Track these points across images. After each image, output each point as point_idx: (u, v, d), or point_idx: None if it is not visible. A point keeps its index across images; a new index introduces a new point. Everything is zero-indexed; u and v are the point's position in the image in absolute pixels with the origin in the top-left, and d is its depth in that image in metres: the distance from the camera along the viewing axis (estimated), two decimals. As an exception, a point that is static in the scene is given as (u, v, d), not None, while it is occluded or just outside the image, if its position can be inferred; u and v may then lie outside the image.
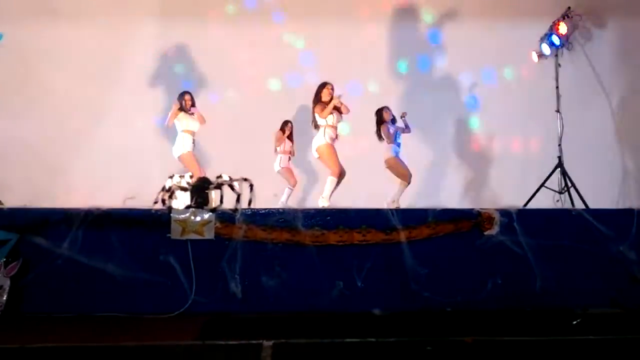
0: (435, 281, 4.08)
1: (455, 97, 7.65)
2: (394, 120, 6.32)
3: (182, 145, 6.10)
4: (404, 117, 6.40)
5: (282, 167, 6.70)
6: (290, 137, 6.83)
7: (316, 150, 5.76)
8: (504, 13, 7.29)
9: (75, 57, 7.01)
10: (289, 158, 6.81)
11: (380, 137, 6.28)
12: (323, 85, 5.78)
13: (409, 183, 6.12)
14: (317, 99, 5.77)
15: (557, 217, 4.43)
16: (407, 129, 6.41)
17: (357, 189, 6.05)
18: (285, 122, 6.84)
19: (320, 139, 5.69)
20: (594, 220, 4.22)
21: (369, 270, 4.07)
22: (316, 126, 5.79)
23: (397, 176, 6.17)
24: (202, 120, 6.23)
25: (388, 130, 6.17)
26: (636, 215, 4.25)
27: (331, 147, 5.68)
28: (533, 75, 7.32)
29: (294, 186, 6.69)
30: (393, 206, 5.74)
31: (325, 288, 4.03)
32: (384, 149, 6.21)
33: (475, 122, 7.63)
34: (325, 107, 5.65)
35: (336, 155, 5.68)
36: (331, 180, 5.61)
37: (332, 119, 5.70)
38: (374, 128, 6.31)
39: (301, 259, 4.05)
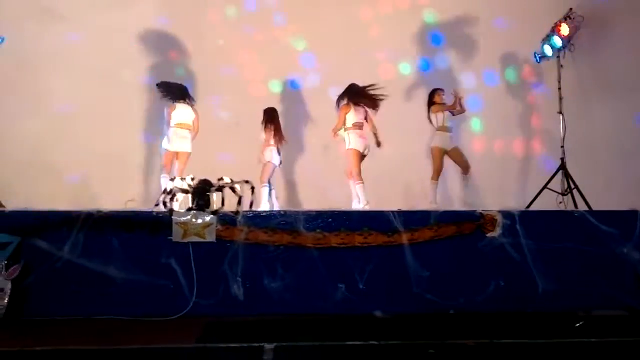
0: (438, 284, 4.07)
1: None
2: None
3: (165, 140, 6.13)
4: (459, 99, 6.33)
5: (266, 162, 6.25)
6: (270, 128, 6.30)
7: None
8: (506, 14, 7.28)
9: (76, 59, 6.99)
10: (277, 150, 6.30)
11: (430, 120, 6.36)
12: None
13: (436, 180, 6.16)
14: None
15: (561, 219, 4.43)
16: (461, 108, 6.34)
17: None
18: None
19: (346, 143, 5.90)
20: (598, 222, 4.21)
21: (371, 272, 4.06)
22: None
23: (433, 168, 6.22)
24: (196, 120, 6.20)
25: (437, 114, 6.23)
26: (640, 217, 4.24)
27: (353, 152, 5.82)
28: (535, 77, 7.31)
29: (264, 182, 6.17)
30: (432, 207, 5.75)
31: (328, 291, 4.02)
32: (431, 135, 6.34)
33: (477, 124, 7.61)
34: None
35: (357, 160, 5.81)
36: (357, 186, 5.76)
37: (352, 117, 5.87)
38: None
39: (303, 261, 4.04)
